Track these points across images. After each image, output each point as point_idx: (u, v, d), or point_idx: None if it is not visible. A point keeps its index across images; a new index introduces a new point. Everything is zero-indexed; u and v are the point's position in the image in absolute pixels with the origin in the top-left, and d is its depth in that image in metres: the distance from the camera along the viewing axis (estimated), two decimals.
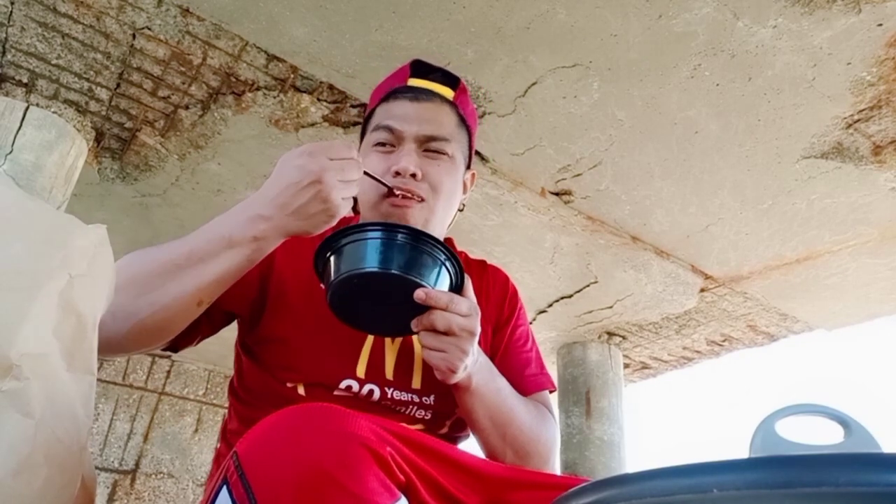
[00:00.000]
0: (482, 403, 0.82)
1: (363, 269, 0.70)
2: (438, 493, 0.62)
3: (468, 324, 0.74)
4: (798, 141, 2.36)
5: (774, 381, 9.15)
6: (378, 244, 0.71)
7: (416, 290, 0.71)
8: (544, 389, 0.96)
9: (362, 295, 0.73)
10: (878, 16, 1.88)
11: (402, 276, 0.71)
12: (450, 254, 0.75)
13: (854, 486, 0.31)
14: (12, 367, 0.50)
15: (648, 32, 1.98)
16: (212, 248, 0.73)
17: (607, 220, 2.92)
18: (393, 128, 0.88)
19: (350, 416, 0.55)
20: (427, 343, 0.75)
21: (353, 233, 0.72)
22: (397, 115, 0.89)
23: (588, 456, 3.58)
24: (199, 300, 0.74)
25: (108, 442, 4.31)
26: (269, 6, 1.99)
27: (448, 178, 0.90)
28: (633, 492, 0.38)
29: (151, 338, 0.76)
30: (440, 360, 0.74)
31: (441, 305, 0.72)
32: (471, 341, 0.75)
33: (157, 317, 0.73)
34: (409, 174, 0.85)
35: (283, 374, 0.84)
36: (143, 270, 0.75)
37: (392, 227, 0.73)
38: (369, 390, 0.84)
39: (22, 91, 2.28)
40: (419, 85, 0.93)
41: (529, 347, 1.01)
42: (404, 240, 0.72)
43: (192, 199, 2.92)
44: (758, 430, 0.47)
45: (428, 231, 0.88)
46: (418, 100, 0.90)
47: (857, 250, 2.96)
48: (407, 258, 0.72)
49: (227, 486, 0.53)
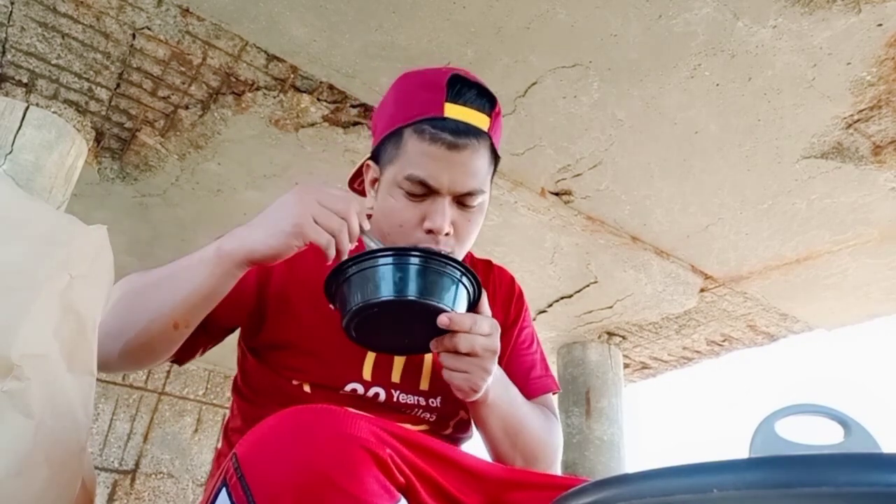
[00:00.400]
0: (497, 415, 0.82)
1: (381, 297, 0.69)
2: (438, 494, 0.62)
3: (491, 343, 0.73)
4: (798, 141, 2.36)
5: (774, 381, 9.14)
6: (394, 270, 0.70)
7: (440, 315, 0.70)
8: (549, 392, 0.97)
9: (380, 321, 0.72)
10: (878, 16, 1.88)
11: (422, 301, 0.70)
12: (465, 269, 0.73)
13: (854, 486, 0.31)
14: (13, 368, 0.50)
15: (648, 32, 1.98)
16: (183, 269, 0.75)
17: (607, 220, 2.92)
18: (430, 185, 0.82)
19: (349, 417, 0.55)
20: (449, 365, 0.74)
21: (366, 259, 0.71)
22: (433, 168, 0.82)
23: (588, 456, 3.58)
24: (175, 322, 0.74)
25: (108, 442, 4.31)
26: (269, 6, 1.99)
27: (477, 227, 0.88)
28: (632, 492, 0.38)
29: (140, 359, 0.77)
30: (463, 381, 0.74)
31: (465, 329, 0.71)
32: (493, 360, 0.74)
33: (140, 339, 0.74)
34: (443, 234, 0.82)
35: (289, 374, 0.84)
36: (132, 291, 0.76)
37: (405, 251, 0.72)
38: (375, 393, 0.84)
39: (22, 91, 2.28)
40: (456, 116, 0.83)
41: (535, 349, 1.01)
42: (420, 263, 0.71)
43: (192, 198, 2.92)
44: (758, 430, 0.47)
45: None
46: (458, 148, 0.81)
47: (857, 250, 2.96)
48: (425, 282, 0.70)
49: (226, 488, 0.53)
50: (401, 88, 0.89)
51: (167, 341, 0.76)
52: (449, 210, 0.82)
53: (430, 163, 0.81)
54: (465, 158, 0.82)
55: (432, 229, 0.81)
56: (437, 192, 0.82)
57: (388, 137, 0.86)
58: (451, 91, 0.83)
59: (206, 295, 0.74)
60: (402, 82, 0.90)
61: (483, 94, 0.86)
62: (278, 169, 2.69)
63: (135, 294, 0.77)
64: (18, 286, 0.53)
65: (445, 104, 0.83)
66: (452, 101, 0.83)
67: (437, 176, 0.81)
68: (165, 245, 3.30)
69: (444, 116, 0.82)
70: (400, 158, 0.84)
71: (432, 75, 0.87)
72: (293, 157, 2.62)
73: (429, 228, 0.82)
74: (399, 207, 0.83)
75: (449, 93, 0.83)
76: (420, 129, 0.82)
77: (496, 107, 0.88)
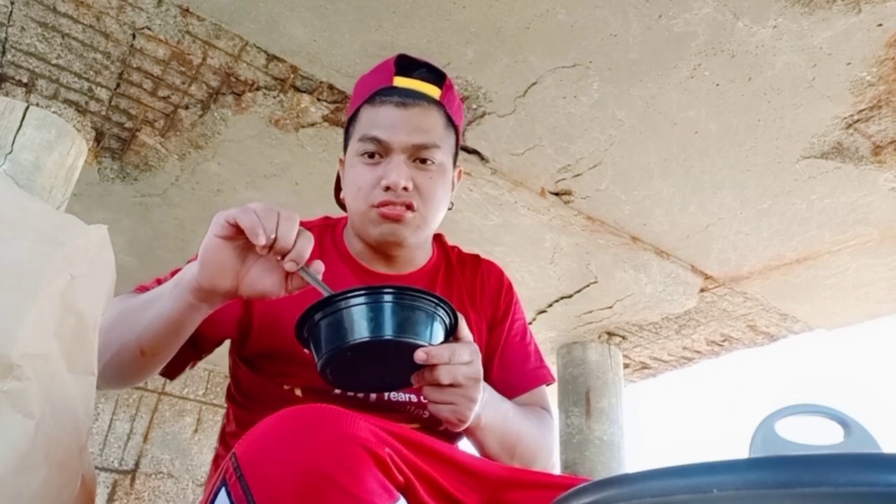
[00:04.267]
0: (492, 435, 0.82)
1: (354, 340, 0.66)
2: (437, 494, 0.62)
3: (473, 371, 0.71)
4: (798, 141, 2.37)
5: (774, 381, 9.15)
6: (365, 310, 0.67)
7: (416, 351, 0.68)
8: (544, 383, 0.97)
9: (357, 361, 0.70)
10: (878, 16, 1.88)
11: (397, 340, 0.67)
12: (438, 300, 0.70)
13: (854, 486, 0.31)
14: (13, 368, 0.50)
15: (648, 32, 1.98)
16: (156, 296, 0.75)
17: (607, 220, 2.92)
18: (381, 139, 0.85)
19: (348, 416, 0.55)
20: (434, 398, 0.72)
21: (335, 301, 0.67)
22: (384, 124, 0.85)
23: (588, 456, 3.58)
24: (141, 349, 0.74)
25: (108, 442, 4.31)
26: (269, 6, 1.99)
27: (439, 186, 0.88)
28: (632, 492, 0.38)
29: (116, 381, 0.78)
30: (450, 413, 0.72)
31: (444, 361, 0.69)
32: (477, 388, 0.73)
33: (113, 362, 0.75)
34: (400, 188, 0.83)
35: (280, 379, 0.85)
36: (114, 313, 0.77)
37: (375, 290, 0.68)
38: (366, 393, 0.84)
39: (22, 91, 2.28)
40: (405, 86, 0.88)
41: (528, 341, 1.01)
42: (392, 300, 0.68)
43: (192, 199, 2.92)
44: (758, 430, 0.47)
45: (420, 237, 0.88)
46: (405, 105, 0.86)
47: (857, 250, 2.96)
48: (399, 319, 0.68)
49: (225, 487, 0.53)
50: (357, 83, 0.96)
51: (136, 367, 0.76)
52: (405, 167, 0.85)
53: (381, 121, 0.86)
54: (413, 115, 0.86)
55: (389, 185, 0.83)
56: (391, 150, 0.85)
57: (349, 122, 0.92)
58: (399, 67, 0.90)
59: (167, 323, 0.73)
60: (359, 79, 0.97)
61: (431, 70, 0.92)
62: (278, 169, 2.69)
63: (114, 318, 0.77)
64: (19, 286, 0.53)
65: (394, 77, 0.89)
66: (400, 75, 0.89)
67: (388, 130, 0.85)
68: (165, 245, 3.30)
69: (392, 86, 0.88)
70: (356, 131, 0.89)
71: (382, 62, 0.93)
72: (293, 157, 2.62)
73: (386, 185, 0.84)
74: (359, 174, 0.86)
75: (397, 69, 0.90)
76: (371, 99, 0.88)
77: (446, 80, 0.92)
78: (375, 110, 0.87)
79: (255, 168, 2.69)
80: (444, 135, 0.90)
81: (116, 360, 0.75)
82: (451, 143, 0.93)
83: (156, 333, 0.73)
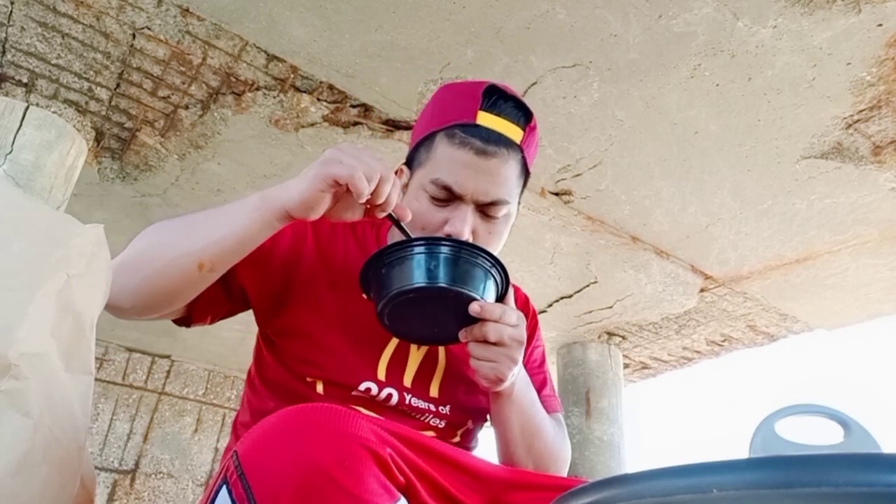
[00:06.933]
0: (518, 412, 0.83)
1: (415, 284, 0.72)
2: (438, 494, 0.62)
3: (518, 334, 0.76)
4: (798, 141, 2.36)
5: (774, 381, 9.14)
6: (427, 258, 0.73)
7: (471, 303, 0.73)
8: (557, 412, 0.98)
9: (413, 308, 0.75)
10: (878, 16, 1.88)
11: (456, 289, 0.73)
12: (495, 261, 0.76)
13: (854, 486, 0.31)
14: (11, 367, 0.50)
15: (648, 32, 1.98)
16: (220, 212, 0.78)
17: (607, 220, 2.92)
18: (454, 191, 0.82)
19: (350, 416, 0.55)
20: (477, 354, 0.76)
21: (402, 248, 0.74)
22: (459, 172, 0.82)
23: (588, 456, 3.58)
24: (201, 262, 0.74)
25: (108, 442, 4.31)
26: (269, 6, 1.99)
27: (500, 236, 0.89)
28: (632, 492, 0.38)
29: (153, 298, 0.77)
30: (490, 370, 0.76)
31: (494, 318, 0.74)
32: (520, 351, 0.76)
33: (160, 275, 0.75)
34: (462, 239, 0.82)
35: (303, 369, 0.83)
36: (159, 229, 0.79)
37: (438, 240, 0.75)
38: (388, 394, 0.83)
39: (22, 91, 2.28)
40: (489, 125, 0.83)
41: (545, 369, 1.03)
42: (454, 253, 0.74)
43: (192, 199, 2.92)
44: (758, 430, 0.47)
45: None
46: (485, 154, 0.82)
47: (857, 250, 2.96)
48: (459, 271, 0.74)
49: (226, 485, 0.53)
50: (438, 98, 0.92)
51: (188, 283, 0.76)
52: (471, 217, 0.83)
53: (458, 168, 0.82)
54: (492, 166, 0.82)
55: (451, 234, 0.82)
56: (461, 199, 0.83)
57: (422, 142, 0.88)
58: (486, 101, 0.84)
59: (240, 239, 0.75)
60: (440, 92, 0.93)
61: (519, 107, 0.87)
62: (278, 169, 2.69)
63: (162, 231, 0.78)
64: (16, 286, 0.53)
65: (479, 112, 0.84)
66: (486, 111, 0.84)
67: (463, 182, 0.82)
68: None
69: (475, 123, 0.83)
70: (429, 162, 0.85)
71: (470, 86, 0.88)
72: (293, 157, 2.62)
73: (448, 233, 0.82)
74: (423, 210, 0.84)
75: (484, 102, 0.84)
76: (451, 133, 0.83)
77: (531, 121, 0.89)
78: (453, 151, 0.83)
79: (255, 168, 2.69)
80: (516, 184, 0.87)
81: (165, 273, 0.75)
82: (521, 188, 0.91)
83: (224, 248, 0.75)
